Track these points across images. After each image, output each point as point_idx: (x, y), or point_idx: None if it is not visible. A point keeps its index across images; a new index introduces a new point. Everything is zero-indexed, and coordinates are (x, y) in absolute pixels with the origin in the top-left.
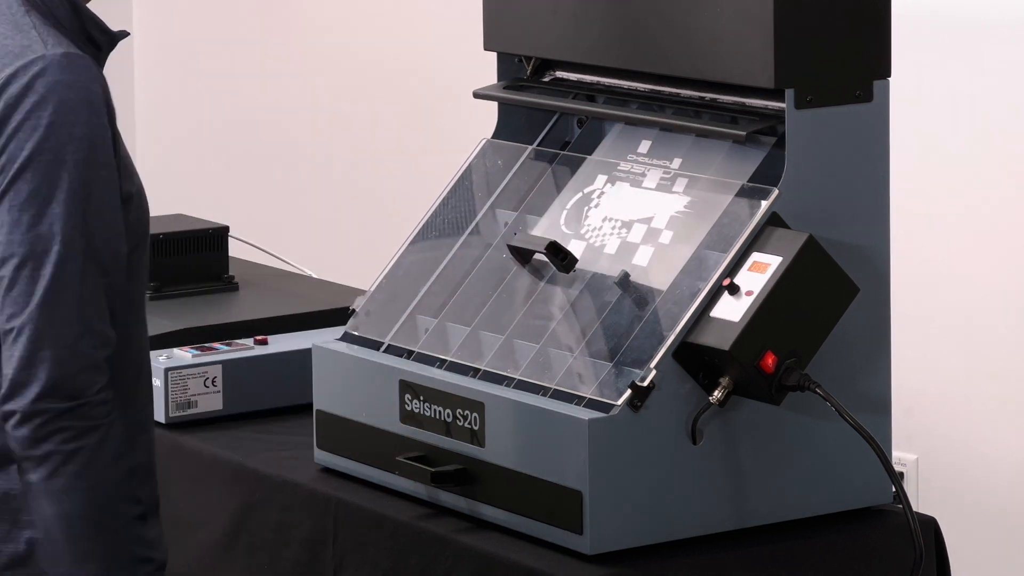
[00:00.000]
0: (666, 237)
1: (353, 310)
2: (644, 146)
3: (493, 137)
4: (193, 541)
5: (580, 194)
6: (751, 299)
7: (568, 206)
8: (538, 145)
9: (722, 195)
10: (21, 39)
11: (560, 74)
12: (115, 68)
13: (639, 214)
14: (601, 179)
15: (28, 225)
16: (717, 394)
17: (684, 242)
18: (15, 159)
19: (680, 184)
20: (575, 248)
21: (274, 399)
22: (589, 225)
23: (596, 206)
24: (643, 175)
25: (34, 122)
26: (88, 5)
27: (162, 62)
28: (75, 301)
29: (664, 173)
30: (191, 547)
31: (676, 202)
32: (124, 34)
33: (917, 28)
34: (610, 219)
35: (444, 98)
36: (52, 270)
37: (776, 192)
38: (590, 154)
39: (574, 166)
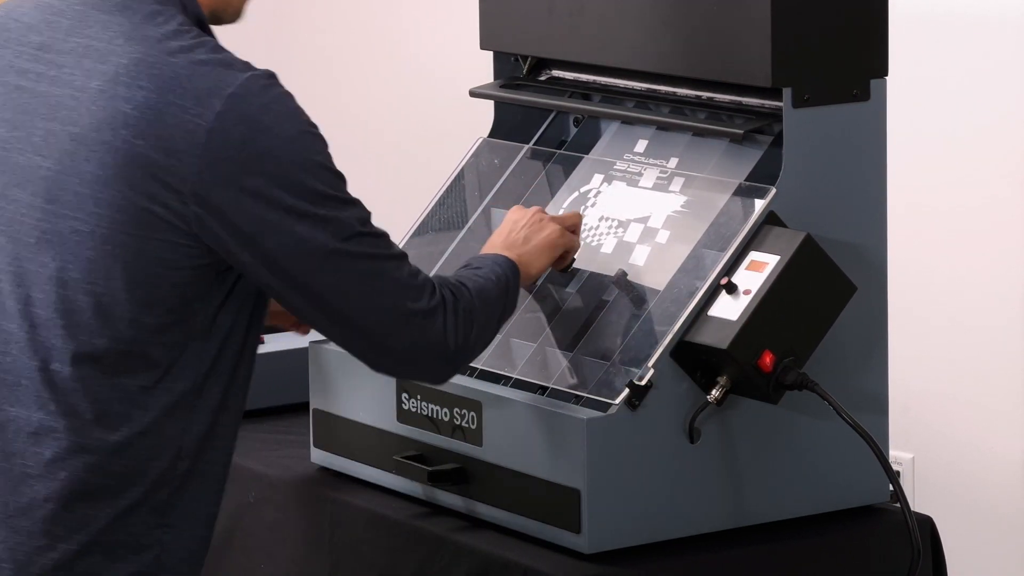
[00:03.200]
0: (663, 236)
1: None
2: (641, 145)
3: (489, 136)
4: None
5: (576, 193)
6: (749, 298)
7: (564, 205)
8: (534, 144)
9: (719, 194)
10: (221, 57)
11: (556, 73)
12: None
13: (636, 213)
14: (598, 178)
15: None
16: (715, 393)
17: (681, 241)
18: (279, 174)
19: (677, 183)
20: None
21: (270, 398)
22: (586, 224)
23: (593, 205)
24: (640, 174)
25: (280, 135)
26: None
27: None
28: None
29: (661, 172)
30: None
31: (673, 201)
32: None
33: (914, 27)
34: (607, 218)
35: (440, 97)
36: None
37: (773, 191)
38: (586, 153)
39: (570, 165)
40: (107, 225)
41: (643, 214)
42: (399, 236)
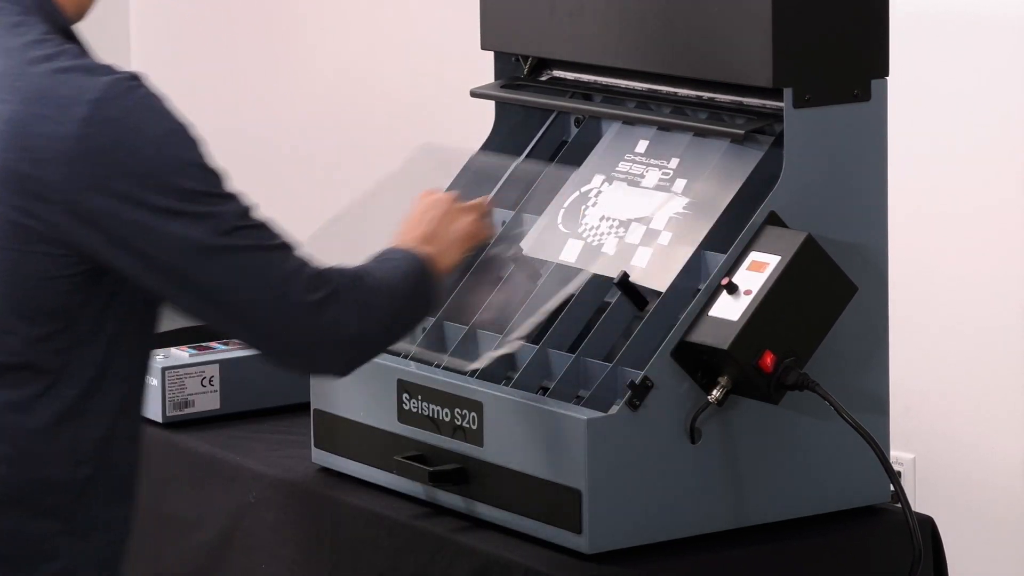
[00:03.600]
0: (665, 237)
1: None
2: (642, 145)
3: (490, 136)
4: (190, 540)
5: (577, 193)
6: (749, 298)
7: (565, 205)
8: (535, 144)
9: (720, 194)
10: (83, 63)
11: (557, 73)
12: None
13: (637, 214)
14: (599, 179)
15: None
16: (716, 393)
17: (683, 242)
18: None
19: (679, 184)
20: (572, 247)
21: (271, 398)
22: (586, 224)
23: (594, 205)
24: (641, 175)
25: (149, 136)
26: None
27: (158, 62)
28: None
29: (663, 173)
30: (188, 546)
31: (675, 202)
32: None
33: (915, 27)
34: (608, 218)
35: (441, 97)
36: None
37: (774, 191)
38: (587, 153)
39: (571, 166)
40: None
41: (644, 215)
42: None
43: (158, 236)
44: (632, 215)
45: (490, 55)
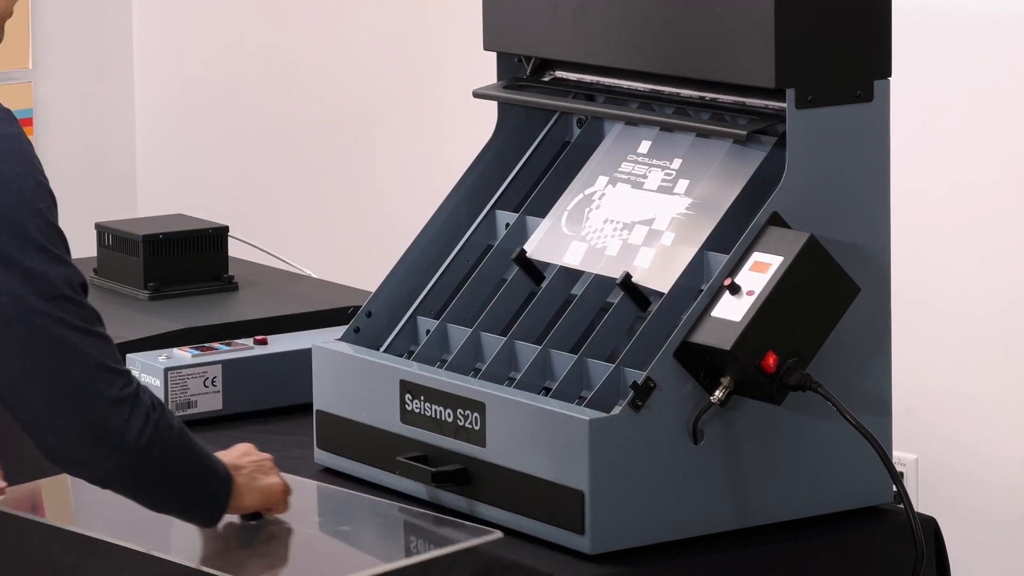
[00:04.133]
0: (667, 238)
1: (353, 310)
2: (644, 146)
3: (492, 137)
4: (192, 541)
5: (581, 195)
6: (752, 299)
7: (569, 207)
8: (538, 145)
9: (723, 195)
10: None
11: (560, 74)
12: (114, 67)
13: (640, 215)
14: (602, 180)
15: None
16: (718, 394)
17: (685, 243)
18: None
19: (681, 185)
20: (576, 250)
21: (274, 399)
22: (590, 227)
23: (597, 207)
24: (644, 176)
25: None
26: None
27: (161, 61)
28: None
29: (665, 174)
30: (190, 546)
31: (677, 203)
32: None
33: (918, 28)
34: (611, 220)
35: (444, 98)
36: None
37: (777, 192)
38: (590, 154)
39: (574, 167)
40: None
41: (647, 216)
42: (403, 237)
43: None
44: (635, 217)
45: (492, 56)
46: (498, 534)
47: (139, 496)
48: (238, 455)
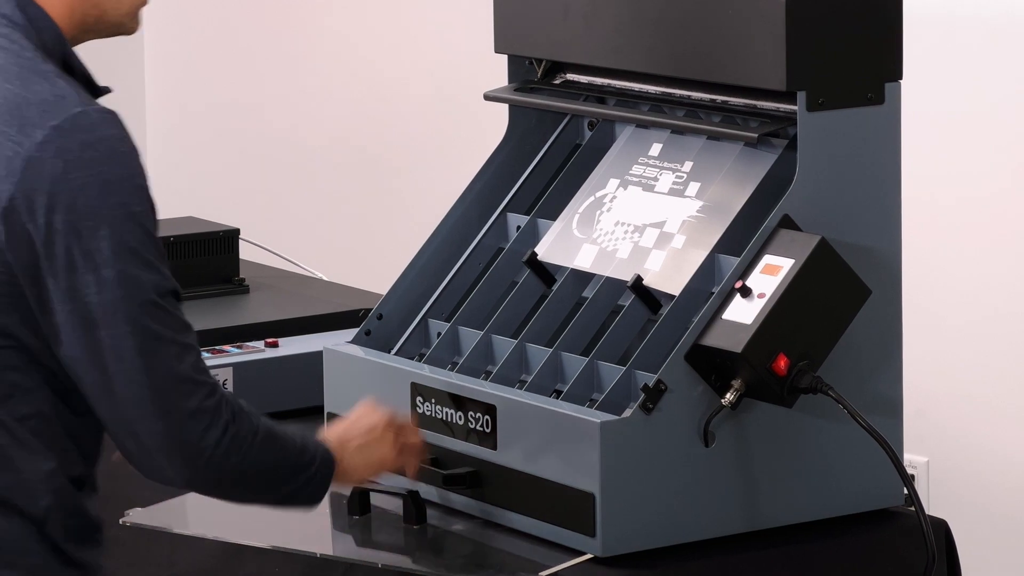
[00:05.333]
0: (679, 241)
1: (364, 313)
2: (655, 149)
3: (504, 139)
4: (204, 543)
5: (592, 198)
6: (763, 302)
7: (580, 210)
8: (549, 148)
9: (734, 198)
10: (50, 88)
11: (571, 76)
12: (126, 69)
13: (651, 218)
14: (613, 183)
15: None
16: (729, 396)
17: (696, 245)
18: (88, 214)
19: (692, 187)
20: (587, 253)
21: (285, 401)
22: (601, 229)
23: (608, 210)
24: (655, 179)
25: (99, 176)
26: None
27: (173, 64)
28: None
29: (676, 177)
30: (202, 549)
31: (688, 206)
32: (106, 90)
33: (928, 31)
34: (622, 223)
35: (455, 101)
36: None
37: (788, 195)
38: (601, 156)
39: (586, 170)
40: None
41: (659, 219)
42: (414, 240)
43: (77, 279)
44: (647, 220)
45: (504, 58)
46: None
47: (224, 498)
48: (351, 423)
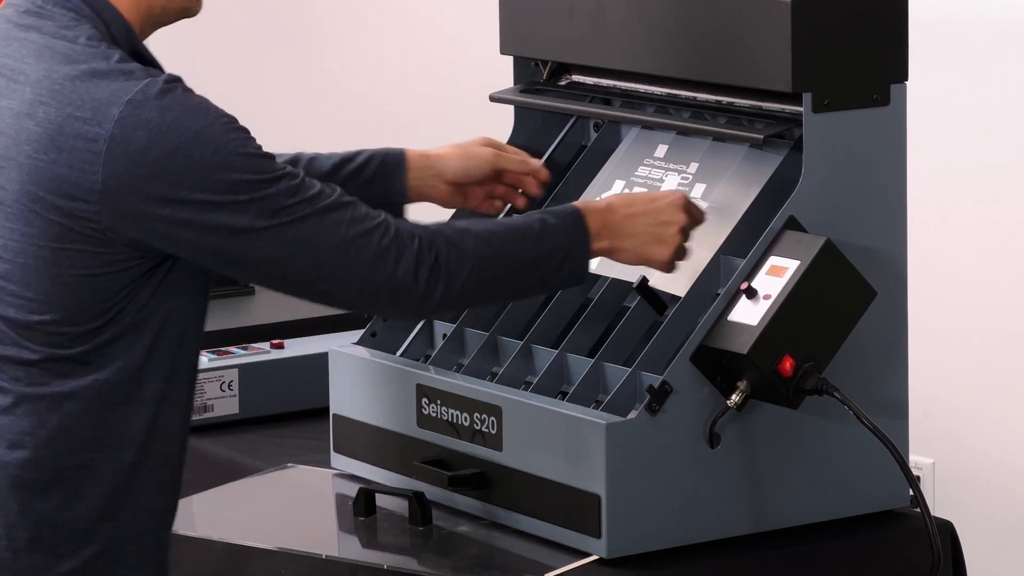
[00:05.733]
0: None
1: (370, 315)
2: (661, 150)
3: (509, 141)
4: (209, 545)
5: (598, 199)
6: (769, 303)
7: None
8: (555, 149)
9: (739, 199)
10: (116, 67)
11: (576, 78)
12: None
13: None
14: (619, 184)
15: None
16: (735, 398)
17: (702, 246)
18: (191, 170)
19: (698, 189)
20: None
21: (290, 403)
22: None
23: None
24: (661, 180)
25: (186, 133)
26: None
27: (176, 61)
28: None
29: (682, 179)
30: (208, 550)
31: None
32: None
33: (934, 32)
34: None
35: (460, 102)
36: None
37: (793, 196)
38: (607, 158)
39: (591, 171)
40: (18, 239)
41: None
42: None
43: (200, 227)
44: None
45: (509, 59)
46: None
47: (468, 307)
48: (632, 194)
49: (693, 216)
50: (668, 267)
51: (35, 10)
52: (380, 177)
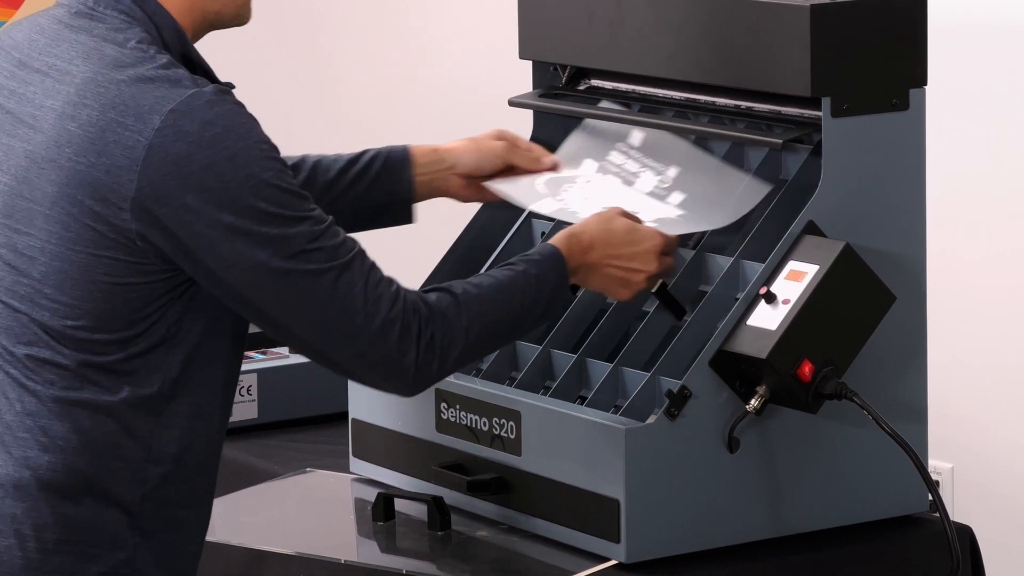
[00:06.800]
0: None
1: None
2: (636, 138)
3: None
4: (228, 550)
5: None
6: (788, 308)
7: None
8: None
9: (758, 204)
10: (164, 74)
11: (595, 82)
12: None
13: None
14: (590, 164)
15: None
16: (754, 403)
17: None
18: (221, 190)
19: (669, 178)
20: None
21: (309, 408)
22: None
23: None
24: (636, 175)
25: (224, 152)
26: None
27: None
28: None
29: (660, 181)
30: (227, 555)
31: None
32: (230, 86)
33: (952, 37)
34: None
35: (479, 107)
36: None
37: (812, 201)
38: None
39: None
40: (55, 242)
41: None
42: (435, 246)
43: (223, 252)
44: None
45: (528, 64)
46: None
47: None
48: (599, 230)
49: (664, 265)
50: (621, 299)
51: (87, 12)
52: (385, 174)
